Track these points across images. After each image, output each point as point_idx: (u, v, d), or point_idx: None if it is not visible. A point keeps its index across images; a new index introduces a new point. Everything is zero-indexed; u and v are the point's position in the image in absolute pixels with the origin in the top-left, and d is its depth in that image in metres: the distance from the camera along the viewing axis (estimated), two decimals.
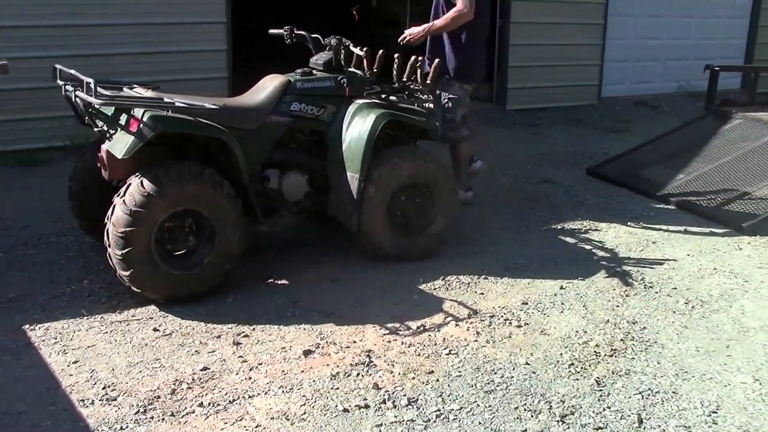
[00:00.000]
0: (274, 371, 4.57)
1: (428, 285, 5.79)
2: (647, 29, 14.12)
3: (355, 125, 5.84)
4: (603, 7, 13.17)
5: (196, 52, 9.62)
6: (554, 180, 8.64)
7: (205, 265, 5.33)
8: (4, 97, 8.87)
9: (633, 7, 13.78)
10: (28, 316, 5.17)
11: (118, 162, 5.20)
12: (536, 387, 4.48)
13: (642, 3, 13.89)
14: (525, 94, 12.74)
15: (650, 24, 14.13)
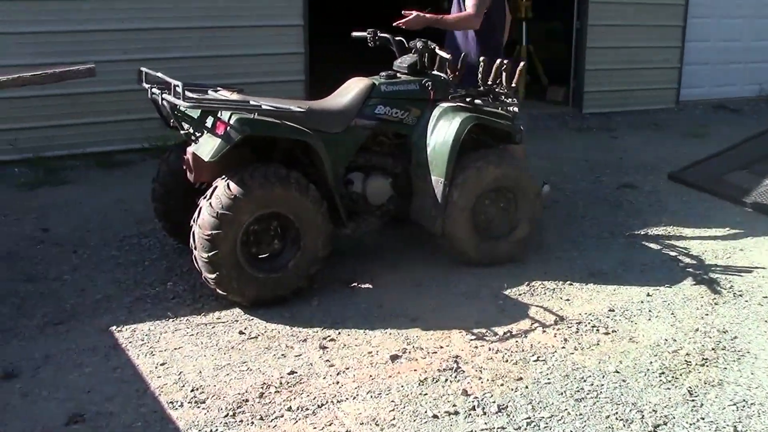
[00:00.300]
0: (361, 376, 4.54)
1: (513, 290, 5.72)
2: (728, 31, 13.79)
3: (440, 129, 5.79)
4: (683, 9, 12.94)
5: (274, 55, 9.64)
6: (635, 185, 8.50)
7: (290, 268, 5.32)
8: (84, 100, 8.98)
9: (714, 8, 13.47)
10: (115, 318, 5.21)
11: (205, 164, 5.22)
12: (627, 396, 4.39)
13: (723, 4, 13.59)
14: (601, 98, 12.59)
15: (731, 25, 13.81)
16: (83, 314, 5.26)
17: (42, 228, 6.84)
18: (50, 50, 8.57)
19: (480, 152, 5.96)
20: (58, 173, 8.42)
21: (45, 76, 5.23)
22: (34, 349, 4.78)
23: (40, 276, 5.85)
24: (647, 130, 11.55)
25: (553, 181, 8.38)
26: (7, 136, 8.64)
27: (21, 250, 6.33)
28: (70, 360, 4.67)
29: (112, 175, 8.50)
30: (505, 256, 6.13)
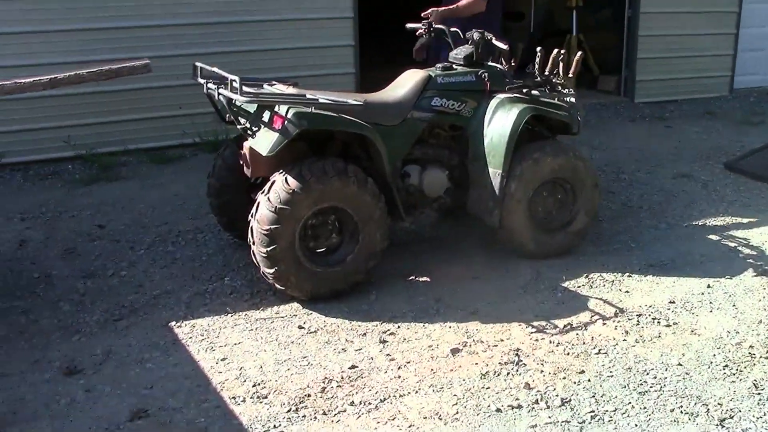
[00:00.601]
0: (423, 370, 4.52)
1: (571, 282, 5.67)
2: None
3: (497, 120, 5.74)
4: None
5: (323, 48, 9.62)
6: (691, 174, 8.39)
7: (348, 262, 5.32)
8: (136, 96, 9.02)
9: None
10: (174, 314, 5.24)
11: (262, 159, 5.22)
12: (691, 389, 4.34)
13: None
14: (654, 87, 12.42)
15: None
16: (142, 310, 5.30)
17: (98, 224, 6.88)
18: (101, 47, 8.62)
19: (537, 143, 5.91)
20: (112, 169, 8.48)
21: (101, 73, 5.24)
22: (95, 345, 4.82)
23: (99, 272, 5.89)
24: (701, 119, 11.40)
25: (608, 172, 8.32)
26: (62, 133, 8.70)
27: (78, 247, 6.38)
28: (131, 356, 4.70)
29: (165, 171, 8.54)
30: (563, 248, 6.08)
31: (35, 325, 5.10)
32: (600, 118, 11.38)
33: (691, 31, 12.38)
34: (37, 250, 6.32)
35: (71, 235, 6.64)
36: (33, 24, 8.53)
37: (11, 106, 8.33)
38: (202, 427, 4.01)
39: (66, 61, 7.86)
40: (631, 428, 4.00)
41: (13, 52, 8.43)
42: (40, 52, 8.47)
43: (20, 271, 5.92)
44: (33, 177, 8.33)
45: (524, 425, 4.02)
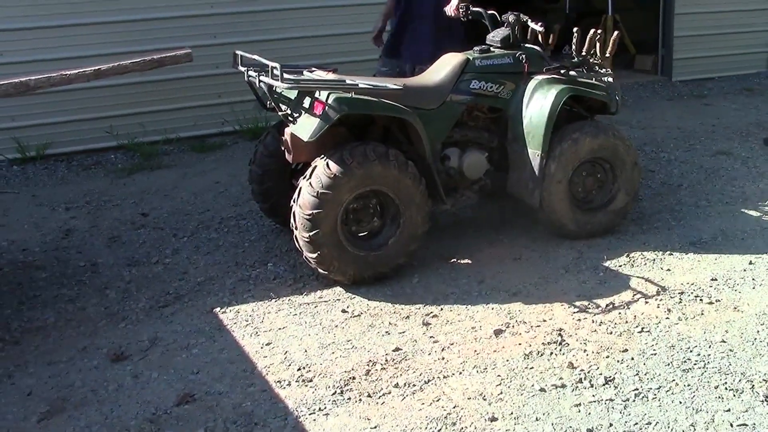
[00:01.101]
0: (466, 351, 4.55)
1: (613, 262, 5.68)
2: None
3: (536, 101, 5.75)
4: None
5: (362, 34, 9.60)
6: (730, 152, 8.35)
7: (391, 245, 5.35)
8: (176, 86, 9.11)
9: None
10: (218, 299, 5.30)
11: (304, 144, 5.26)
12: (735, 365, 4.33)
13: None
14: (691, 65, 12.36)
15: None
16: (187, 296, 5.36)
17: (142, 213, 6.97)
18: (142, 38, 8.71)
19: (576, 124, 5.91)
20: (154, 158, 8.58)
21: (144, 63, 5.30)
22: (141, 332, 4.90)
23: (143, 260, 5.97)
24: (740, 96, 11.33)
25: (647, 151, 8.30)
26: (103, 123, 8.81)
27: (123, 235, 6.46)
28: (177, 342, 4.77)
29: (206, 159, 8.62)
30: (604, 228, 6.08)
31: (82, 312, 5.19)
32: (638, 97, 11.34)
33: (727, 8, 12.31)
34: (82, 239, 6.41)
35: (115, 223, 6.73)
36: (77, 17, 8.66)
37: (55, 98, 8.45)
38: (248, 411, 4.06)
39: (108, 53, 7.93)
40: (676, 405, 4.01)
41: (58, 45, 8.55)
42: (83, 44, 8.58)
43: (67, 259, 6.01)
44: (76, 167, 8.45)
45: (568, 404, 4.04)
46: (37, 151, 8.61)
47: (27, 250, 6.23)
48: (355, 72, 6.08)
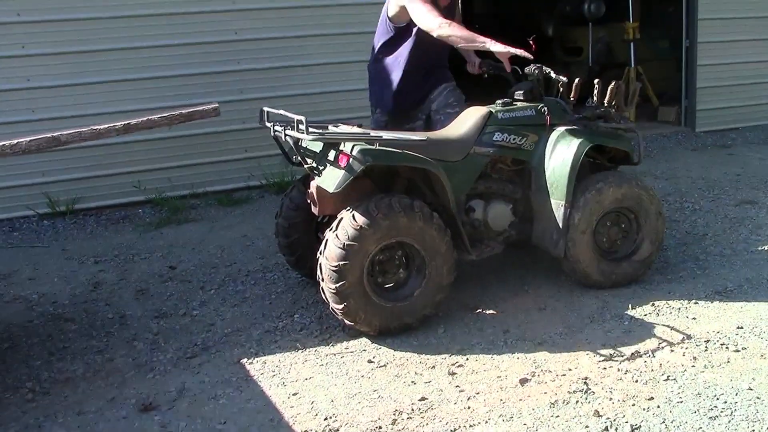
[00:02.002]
0: (492, 400, 4.56)
1: (637, 311, 5.68)
2: None
3: (558, 152, 5.80)
4: None
5: None
6: (755, 201, 8.36)
7: (416, 296, 5.38)
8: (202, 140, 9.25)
9: None
10: (245, 350, 5.33)
11: (329, 197, 5.33)
12: (763, 413, 4.31)
13: None
14: (715, 115, 12.40)
15: None
16: (214, 348, 5.40)
17: (169, 266, 7.04)
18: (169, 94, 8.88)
19: (600, 174, 5.97)
20: (182, 212, 8.67)
21: (173, 118, 5.39)
22: (169, 383, 4.93)
23: (171, 312, 6.03)
24: (764, 146, 11.35)
25: (671, 201, 8.32)
26: (132, 178, 8.93)
27: (151, 288, 6.53)
28: (204, 392, 4.80)
29: (233, 213, 8.70)
30: (629, 278, 6.09)
31: (111, 363, 5.23)
32: (661, 148, 11.38)
33: (749, 59, 12.39)
34: (110, 292, 6.48)
35: (143, 276, 6.80)
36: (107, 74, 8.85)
37: (84, 154, 8.58)
38: None
39: (137, 109, 8.08)
40: None
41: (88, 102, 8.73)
42: (112, 101, 8.75)
43: (95, 312, 6.08)
44: (105, 221, 8.56)
45: None
46: (66, 205, 8.73)
47: (56, 302, 6.30)
48: None
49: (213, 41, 9.21)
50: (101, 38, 8.77)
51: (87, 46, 8.74)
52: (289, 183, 7.87)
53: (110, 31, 8.80)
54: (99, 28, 8.75)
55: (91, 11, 8.71)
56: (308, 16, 9.59)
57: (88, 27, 8.72)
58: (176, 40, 9.05)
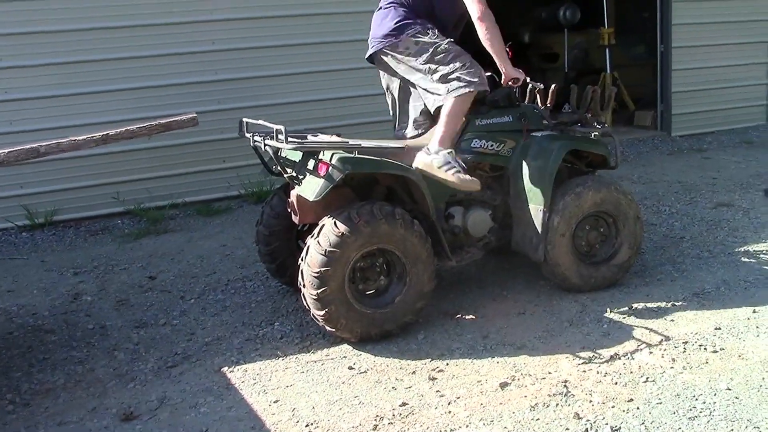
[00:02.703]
0: (472, 404, 4.58)
1: (616, 314, 5.71)
2: None
3: (536, 158, 5.84)
4: (767, 25, 12.82)
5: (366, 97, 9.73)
6: (731, 203, 8.43)
7: (397, 303, 5.40)
8: (181, 151, 9.26)
9: None
10: (226, 359, 5.34)
11: (309, 205, 5.35)
12: (741, 413, 4.35)
13: None
14: (690, 119, 12.52)
15: None
16: (195, 357, 5.40)
17: (149, 276, 7.04)
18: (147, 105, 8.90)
19: (579, 178, 6.02)
20: (161, 223, 8.67)
21: (151, 128, 5.41)
22: (150, 392, 4.93)
23: (151, 322, 6.02)
24: (739, 149, 11.46)
25: (649, 204, 8.38)
26: (110, 189, 8.93)
27: (131, 298, 6.52)
28: (185, 401, 4.80)
29: (212, 223, 8.71)
30: (607, 281, 6.13)
31: (91, 374, 5.22)
32: (638, 152, 11.47)
33: (724, 63, 12.53)
34: (90, 303, 6.48)
35: (123, 287, 6.80)
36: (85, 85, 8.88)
37: (63, 165, 8.61)
38: None
39: (115, 120, 8.11)
40: None
41: (66, 113, 8.74)
42: (90, 112, 8.77)
43: (75, 322, 6.07)
44: (84, 233, 8.55)
45: None
46: (45, 217, 8.72)
47: (36, 314, 6.29)
48: (358, 135, 6.17)
49: (191, 51, 9.22)
50: (79, 50, 8.78)
51: (65, 58, 8.74)
52: (268, 193, 7.91)
53: (88, 42, 8.81)
54: (77, 39, 8.76)
55: (68, 23, 8.72)
56: (285, 26, 9.62)
57: (65, 39, 8.73)
58: (154, 51, 9.06)
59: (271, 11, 9.53)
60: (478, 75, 5.74)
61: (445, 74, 5.69)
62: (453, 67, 5.69)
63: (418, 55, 5.70)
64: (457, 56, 5.73)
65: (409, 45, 5.69)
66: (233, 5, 9.37)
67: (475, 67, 5.76)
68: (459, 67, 5.68)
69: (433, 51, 5.69)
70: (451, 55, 5.72)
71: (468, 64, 5.73)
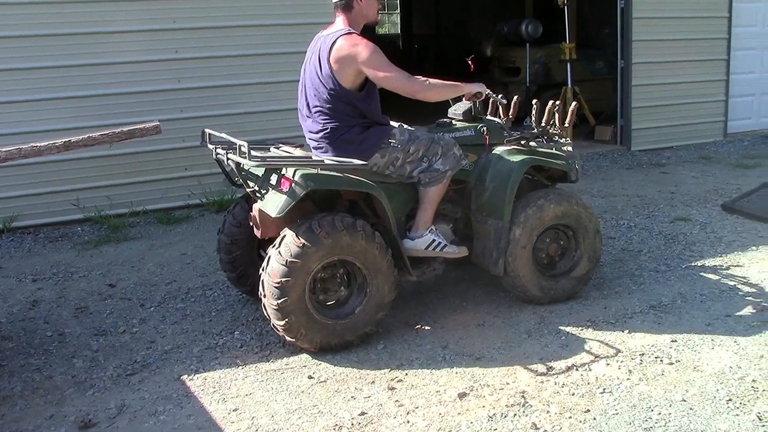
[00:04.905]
0: (431, 414, 4.61)
1: (574, 326, 5.77)
2: None
3: (497, 172, 5.90)
4: (726, 42, 13.01)
5: None
6: (688, 218, 8.54)
7: (358, 314, 5.43)
8: (141, 159, 9.21)
9: (757, 40, 13.56)
10: (186, 367, 5.34)
11: (271, 220, 5.37)
12: (695, 423, 4.42)
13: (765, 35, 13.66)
14: (650, 134, 12.65)
15: None
16: (155, 365, 5.39)
17: (109, 283, 7.01)
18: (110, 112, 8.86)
19: (541, 191, 6.08)
20: (121, 230, 8.63)
21: (113, 135, 5.40)
22: (109, 400, 4.92)
23: (110, 330, 6.00)
24: (698, 164, 11.59)
25: (608, 218, 8.46)
26: (71, 196, 8.88)
27: (90, 306, 6.49)
28: (144, 409, 4.79)
29: (172, 231, 8.68)
30: (567, 294, 6.20)
31: (49, 381, 5.20)
32: (598, 166, 11.56)
33: (683, 79, 12.69)
34: (49, 310, 6.44)
35: (83, 294, 6.77)
36: (47, 92, 8.82)
37: (22, 171, 8.53)
38: None
39: (77, 126, 8.02)
40: None
41: (28, 119, 8.69)
42: (52, 118, 8.72)
43: (33, 330, 6.03)
44: (43, 240, 8.49)
45: None
46: (3, 223, 8.65)
47: None
48: None
49: (153, 60, 9.19)
50: (41, 56, 8.73)
51: (27, 64, 8.69)
52: (230, 202, 7.91)
53: (50, 48, 8.76)
54: (39, 45, 8.71)
55: (30, 28, 8.66)
56: (248, 35, 9.62)
57: (27, 44, 8.67)
58: (117, 59, 9.02)
59: (235, 21, 9.53)
60: (451, 158, 5.75)
61: (421, 170, 5.71)
62: (426, 164, 5.71)
63: (389, 165, 5.68)
64: (426, 149, 5.71)
65: (376, 161, 5.65)
66: (196, 14, 9.35)
67: (446, 150, 5.75)
68: (431, 160, 5.71)
69: (404, 156, 5.70)
70: (420, 152, 5.71)
71: (439, 151, 5.73)
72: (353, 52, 5.35)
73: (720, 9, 12.96)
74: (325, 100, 5.50)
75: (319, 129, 5.59)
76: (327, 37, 5.56)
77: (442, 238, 5.80)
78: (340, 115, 5.52)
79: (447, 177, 5.73)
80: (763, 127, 13.82)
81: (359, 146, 5.54)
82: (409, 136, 5.67)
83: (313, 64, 5.59)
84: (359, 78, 5.46)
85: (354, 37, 5.45)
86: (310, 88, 5.62)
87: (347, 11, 5.57)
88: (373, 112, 5.65)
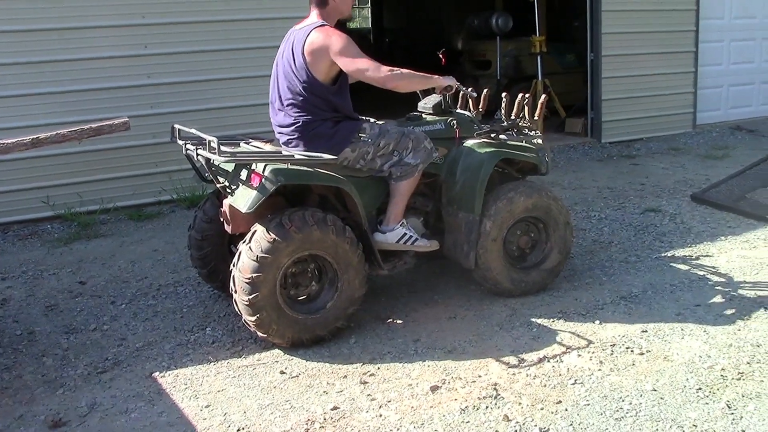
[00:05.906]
0: (403, 408, 4.63)
1: (545, 318, 5.80)
2: (740, 53, 13.97)
3: (468, 165, 5.90)
4: (693, 35, 13.07)
5: None
6: (658, 209, 8.58)
7: (329, 308, 5.43)
8: (112, 155, 9.15)
9: (724, 32, 13.66)
10: (157, 364, 5.33)
11: (242, 216, 5.35)
12: (666, 412, 4.46)
13: (733, 28, 13.77)
14: (620, 126, 12.70)
15: (743, 48, 13.97)
16: (126, 362, 5.38)
17: (79, 281, 6.97)
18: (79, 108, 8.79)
19: (511, 183, 6.09)
20: (92, 227, 8.57)
21: (83, 132, 5.37)
22: (80, 398, 4.90)
23: (81, 327, 5.98)
24: (667, 155, 11.66)
25: (578, 210, 8.49)
26: (40, 193, 8.81)
27: (60, 303, 6.46)
28: (115, 407, 4.78)
29: (143, 228, 8.64)
30: (538, 286, 6.22)
31: (19, 380, 5.17)
32: (568, 159, 11.61)
33: (653, 71, 12.74)
34: (18, 308, 6.40)
35: (53, 292, 6.73)
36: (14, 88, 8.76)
37: None
38: None
39: (46, 123, 8.00)
40: None
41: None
42: (20, 115, 8.64)
43: (2, 328, 5.98)
44: (12, 237, 8.43)
45: None
46: None
47: None
48: None
49: (123, 55, 9.13)
50: (9, 52, 8.66)
51: None
52: (200, 197, 7.87)
53: (18, 44, 8.68)
54: (6, 41, 8.63)
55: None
56: (218, 30, 9.58)
57: None
58: (85, 54, 8.95)
59: (205, 15, 9.49)
60: (422, 151, 5.76)
61: (392, 164, 5.71)
62: (397, 157, 5.71)
63: (360, 159, 5.67)
64: (397, 143, 5.71)
65: (347, 155, 5.65)
66: (166, 9, 9.31)
67: (417, 144, 5.76)
68: (402, 154, 5.72)
69: (374, 150, 5.68)
70: (391, 146, 5.70)
71: (410, 145, 5.73)
72: (327, 43, 5.36)
73: (688, 1, 13.02)
74: (297, 92, 5.50)
75: (290, 122, 5.59)
76: (301, 30, 5.57)
77: (413, 232, 5.82)
78: (313, 109, 5.52)
79: (418, 171, 5.74)
80: (731, 118, 13.93)
81: (330, 140, 5.54)
82: (380, 130, 5.67)
83: (287, 57, 5.59)
84: (332, 70, 5.47)
85: (327, 29, 5.46)
86: (282, 81, 5.63)
87: (322, 7, 5.59)
88: (344, 107, 5.66)
